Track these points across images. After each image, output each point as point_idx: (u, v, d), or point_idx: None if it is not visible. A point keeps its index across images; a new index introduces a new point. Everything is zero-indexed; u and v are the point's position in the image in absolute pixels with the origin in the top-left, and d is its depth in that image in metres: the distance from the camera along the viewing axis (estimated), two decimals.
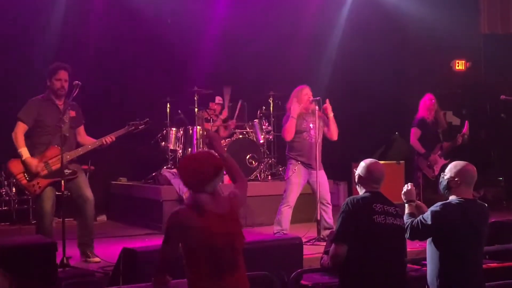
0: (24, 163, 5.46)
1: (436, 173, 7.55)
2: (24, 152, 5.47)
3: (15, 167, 5.51)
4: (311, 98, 6.72)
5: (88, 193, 5.69)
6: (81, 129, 5.86)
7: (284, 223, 6.58)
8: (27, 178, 5.48)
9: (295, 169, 6.65)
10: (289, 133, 6.67)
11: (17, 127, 5.53)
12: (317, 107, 6.62)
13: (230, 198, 3.47)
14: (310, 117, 6.74)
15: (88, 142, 5.80)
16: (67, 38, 8.43)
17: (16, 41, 8.33)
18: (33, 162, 5.46)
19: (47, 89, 5.66)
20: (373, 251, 3.92)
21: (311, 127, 6.69)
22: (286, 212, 6.59)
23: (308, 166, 6.64)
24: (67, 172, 5.54)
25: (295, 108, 6.66)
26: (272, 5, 9.84)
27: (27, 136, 5.55)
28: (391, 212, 4.06)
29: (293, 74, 9.83)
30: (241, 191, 3.61)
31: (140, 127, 5.98)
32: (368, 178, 4.14)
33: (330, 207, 6.68)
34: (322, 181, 6.62)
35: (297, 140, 6.71)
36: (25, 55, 8.29)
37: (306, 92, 6.76)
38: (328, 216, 6.61)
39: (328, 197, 6.68)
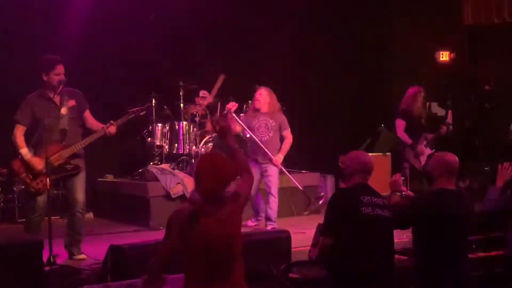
0: (26, 163, 5.46)
1: (423, 163, 7.60)
2: (25, 152, 5.48)
3: (18, 167, 5.53)
4: (258, 98, 7.12)
5: (80, 195, 5.66)
6: (87, 114, 5.79)
7: (255, 212, 7.23)
8: (31, 177, 5.48)
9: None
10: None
11: (16, 129, 5.54)
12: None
13: (233, 198, 3.40)
14: (261, 116, 7.10)
15: (95, 127, 5.75)
16: (50, 31, 8.34)
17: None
18: (34, 162, 5.45)
19: (43, 84, 5.59)
20: (360, 242, 3.94)
21: (261, 126, 7.07)
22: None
23: (259, 162, 7.04)
24: (69, 167, 5.53)
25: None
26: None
27: (27, 135, 5.55)
28: (379, 203, 4.08)
29: (279, 66, 9.85)
30: (245, 186, 3.55)
31: (141, 113, 5.97)
32: (358, 169, 4.15)
33: (275, 199, 7.05)
34: (272, 174, 7.05)
35: (249, 138, 7.12)
36: (10, 48, 8.24)
37: (259, 93, 7.16)
38: (269, 206, 7.05)
39: (274, 188, 7.04)
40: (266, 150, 6.99)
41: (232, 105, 7.27)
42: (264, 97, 7.11)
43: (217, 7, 9.43)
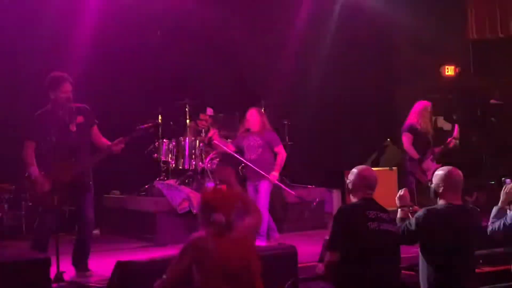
0: (34, 180, 5.45)
1: (429, 177, 7.55)
2: (34, 170, 5.45)
3: (27, 184, 5.54)
4: (251, 119, 7.22)
5: (89, 212, 5.65)
6: (95, 130, 5.77)
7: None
8: (40, 194, 5.45)
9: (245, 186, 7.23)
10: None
11: (25, 147, 5.52)
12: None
13: (244, 229, 3.53)
14: (251, 135, 7.24)
15: (102, 144, 5.73)
16: (55, 48, 8.40)
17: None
18: (42, 180, 5.43)
19: (50, 101, 5.60)
20: (367, 258, 3.93)
21: (250, 145, 7.21)
22: None
23: (251, 179, 7.23)
24: (77, 185, 5.53)
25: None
26: (261, 15, 9.88)
27: (37, 152, 5.52)
28: (385, 218, 4.08)
29: (284, 82, 9.88)
30: (254, 222, 3.67)
31: (149, 131, 5.98)
32: (363, 184, 4.16)
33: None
34: (261, 191, 7.14)
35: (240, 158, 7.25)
36: (14, 65, 8.31)
37: (250, 113, 7.31)
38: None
39: (262, 204, 7.01)
40: (256, 168, 7.11)
41: (213, 133, 7.62)
42: (254, 117, 7.28)
43: (221, 24, 9.50)
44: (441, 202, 4.19)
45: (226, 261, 3.31)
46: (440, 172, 4.24)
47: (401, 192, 4.49)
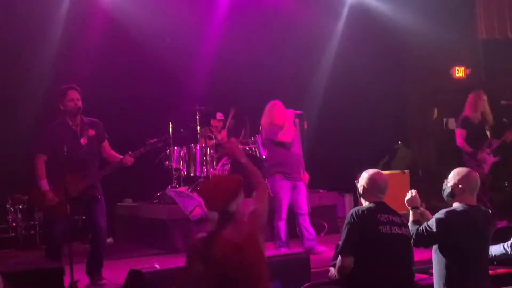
0: (44, 194, 5.50)
1: (486, 171, 7.42)
2: (44, 184, 5.51)
3: (36, 195, 5.60)
4: (286, 111, 6.73)
5: (102, 222, 5.69)
6: (105, 144, 5.84)
7: (283, 236, 6.65)
8: (49, 206, 5.51)
9: (281, 185, 6.63)
10: (289, 134, 6.67)
11: (37, 159, 5.57)
12: (297, 120, 6.78)
13: (250, 219, 3.37)
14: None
15: (112, 158, 5.80)
16: (63, 57, 8.46)
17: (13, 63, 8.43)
18: (51, 194, 5.48)
19: (61, 113, 5.65)
20: (379, 262, 3.92)
21: (291, 140, 6.70)
22: (282, 226, 6.65)
23: (291, 177, 6.69)
24: (86, 197, 5.57)
25: (288, 114, 6.69)
26: (267, 20, 9.90)
27: (48, 165, 5.57)
28: (396, 221, 4.07)
29: (292, 87, 9.87)
30: (261, 201, 3.50)
31: (158, 145, 6.02)
32: (373, 188, 4.16)
33: (306, 216, 6.75)
34: (303, 190, 6.77)
35: (279, 153, 6.69)
36: (19, 84, 8.38)
37: (279, 106, 6.77)
38: (307, 224, 6.69)
39: (305, 206, 6.73)
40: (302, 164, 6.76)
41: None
42: (284, 110, 6.75)
43: (229, 28, 9.53)
44: (457, 203, 4.17)
45: (225, 265, 3.19)
46: (459, 172, 4.22)
47: (411, 193, 4.46)
